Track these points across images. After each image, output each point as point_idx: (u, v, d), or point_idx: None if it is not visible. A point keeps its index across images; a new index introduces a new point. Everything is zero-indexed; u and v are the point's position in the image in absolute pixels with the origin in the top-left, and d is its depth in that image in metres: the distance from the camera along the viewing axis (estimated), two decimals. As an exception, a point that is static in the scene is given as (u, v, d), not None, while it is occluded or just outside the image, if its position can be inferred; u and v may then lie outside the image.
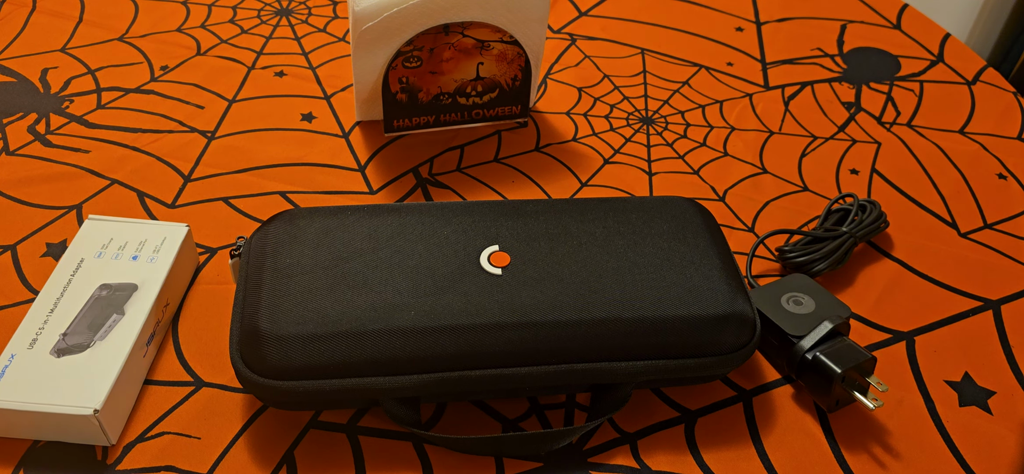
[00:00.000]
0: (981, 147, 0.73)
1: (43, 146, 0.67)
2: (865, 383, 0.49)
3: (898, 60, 0.83)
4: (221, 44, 0.80)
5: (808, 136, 0.73)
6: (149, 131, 0.69)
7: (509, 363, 0.45)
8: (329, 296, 0.46)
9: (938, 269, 0.61)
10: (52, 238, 0.59)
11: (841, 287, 0.59)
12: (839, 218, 0.62)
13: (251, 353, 0.44)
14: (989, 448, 0.49)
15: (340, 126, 0.71)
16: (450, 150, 0.69)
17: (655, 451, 0.48)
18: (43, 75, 0.74)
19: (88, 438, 0.46)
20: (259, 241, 0.50)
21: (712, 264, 0.50)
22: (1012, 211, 0.67)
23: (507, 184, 0.66)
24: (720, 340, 0.47)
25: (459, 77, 0.67)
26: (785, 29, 0.87)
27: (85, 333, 0.48)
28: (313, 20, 0.84)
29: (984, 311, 0.58)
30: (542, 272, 0.48)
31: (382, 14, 0.61)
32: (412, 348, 0.45)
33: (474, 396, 0.49)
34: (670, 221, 0.52)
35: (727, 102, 0.77)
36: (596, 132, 0.72)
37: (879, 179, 0.69)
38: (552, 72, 0.79)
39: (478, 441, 0.46)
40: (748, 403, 0.51)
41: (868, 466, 0.48)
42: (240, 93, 0.74)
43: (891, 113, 0.76)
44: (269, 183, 0.65)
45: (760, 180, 0.68)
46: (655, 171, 0.68)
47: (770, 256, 0.61)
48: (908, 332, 0.56)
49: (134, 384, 0.49)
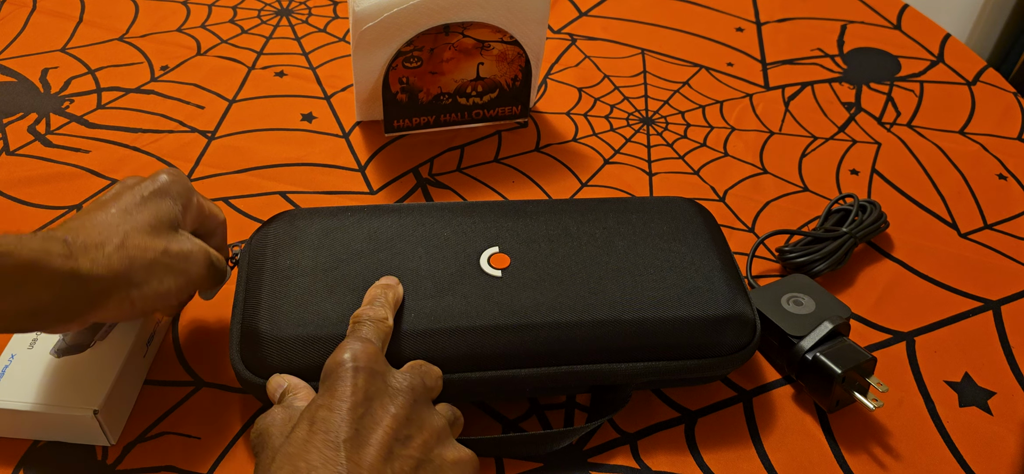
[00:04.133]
0: (981, 147, 0.73)
1: (43, 146, 0.67)
2: (865, 383, 0.49)
3: (898, 60, 0.83)
4: (221, 44, 0.80)
5: (808, 136, 0.73)
6: (149, 131, 0.69)
7: (509, 365, 0.45)
8: (329, 298, 0.46)
9: (938, 269, 0.61)
10: (52, 238, 0.59)
11: (841, 287, 0.59)
12: (839, 218, 0.62)
13: (251, 354, 0.44)
14: (989, 448, 0.49)
15: (340, 126, 0.71)
16: (450, 150, 0.69)
17: (655, 451, 0.48)
18: (43, 75, 0.74)
19: (88, 438, 0.46)
20: (259, 242, 0.50)
21: (712, 265, 0.50)
22: (1012, 211, 0.67)
23: (507, 184, 0.66)
24: (720, 341, 0.47)
25: (459, 77, 0.67)
26: (785, 29, 0.87)
27: (85, 333, 0.48)
28: (313, 20, 0.84)
29: (984, 311, 0.58)
30: (542, 274, 0.48)
31: (382, 14, 0.61)
32: (412, 350, 0.44)
33: (474, 397, 0.49)
34: (670, 222, 0.52)
35: (727, 102, 0.77)
36: (596, 132, 0.72)
37: (879, 179, 0.69)
38: (552, 72, 0.79)
39: (478, 442, 0.46)
40: (748, 403, 0.51)
41: (868, 466, 0.48)
42: (240, 93, 0.74)
43: (891, 113, 0.76)
44: (269, 183, 0.65)
45: (760, 180, 0.68)
46: (655, 171, 0.68)
47: (770, 256, 0.61)
48: (908, 332, 0.56)
49: (134, 384, 0.49)
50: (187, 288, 0.45)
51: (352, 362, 0.38)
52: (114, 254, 0.41)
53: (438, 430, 0.39)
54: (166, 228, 0.44)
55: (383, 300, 0.44)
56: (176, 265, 0.44)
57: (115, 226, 0.42)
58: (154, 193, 0.45)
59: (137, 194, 0.45)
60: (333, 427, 0.35)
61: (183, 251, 0.45)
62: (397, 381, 0.39)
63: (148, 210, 0.44)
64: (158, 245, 0.43)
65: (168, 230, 0.45)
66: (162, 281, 0.43)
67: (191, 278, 0.45)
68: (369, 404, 0.37)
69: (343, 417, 0.36)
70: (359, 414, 0.36)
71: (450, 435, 0.40)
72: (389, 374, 0.40)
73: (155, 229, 0.44)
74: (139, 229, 0.43)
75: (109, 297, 0.41)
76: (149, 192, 0.45)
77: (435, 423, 0.39)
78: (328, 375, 0.38)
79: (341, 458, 0.34)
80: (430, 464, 0.37)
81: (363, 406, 0.37)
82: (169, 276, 0.44)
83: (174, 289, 0.44)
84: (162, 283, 0.43)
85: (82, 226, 0.42)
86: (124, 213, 0.43)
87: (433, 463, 0.38)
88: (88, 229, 0.42)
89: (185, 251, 0.45)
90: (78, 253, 0.40)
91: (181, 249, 0.44)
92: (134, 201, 0.44)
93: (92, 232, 0.42)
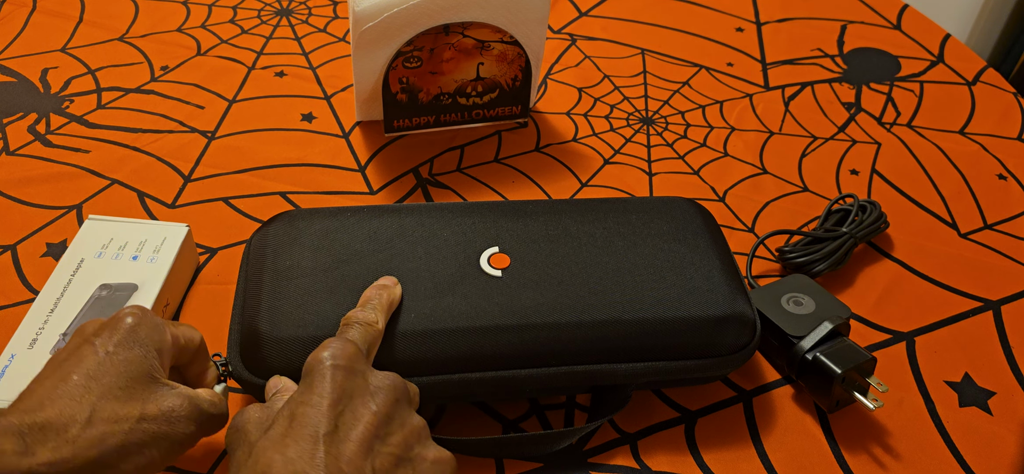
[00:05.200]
0: (981, 148, 0.73)
1: (43, 146, 0.67)
2: (865, 383, 0.49)
3: (898, 60, 0.83)
4: (221, 44, 0.80)
5: (808, 136, 0.73)
6: (149, 131, 0.69)
7: (509, 365, 0.45)
8: (329, 299, 0.46)
9: (938, 269, 0.61)
10: (52, 238, 0.59)
11: (841, 287, 0.59)
12: (839, 218, 0.62)
13: (251, 355, 0.44)
14: (989, 448, 0.49)
15: (340, 126, 0.71)
16: (450, 150, 0.69)
17: (655, 451, 0.48)
18: (43, 75, 0.74)
19: (88, 439, 0.46)
20: (259, 242, 0.50)
21: (712, 265, 0.50)
22: (1012, 211, 0.67)
23: (507, 184, 0.66)
24: (720, 341, 0.47)
25: (459, 77, 0.67)
26: (785, 29, 0.87)
27: (85, 334, 0.48)
28: (313, 20, 0.84)
29: (984, 311, 0.58)
30: (542, 274, 0.48)
31: (382, 14, 0.61)
32: (412, 350, 0.44)
33: (474, 397, 0.49)
34: (670, 222, 0.52)
35: (727, 102, 0.77)
36: (596, 132, 0.72)
37: (879, 179, 0.69)
38: (552, 72, 0.79)
39: (478, 442, 0.46)
40: (748, 403, 0.51)
41: (868, 466, 0.48)
42: (240, 93, 0.74)
43: (891, 113, 0.76)
44: (269, 183, 0.65)
45: (760, 180, 0.68)
46: (655, 171, 0.68)
47: (770, 256, 0.61)
48: (908, 332, 0.56)
49: (134, 385, 0.49)
50: (175, 452, 0.39)
51: (331, 360, 0.38)
52: (80, 436, 0.36)
53: (418, 429, 0.38)
54: (141, 386, 0.39)
55: (376, 303, 0.44)
56: (158, 432, 0.38)
57: (78, 399, 0.37)
58: (120, 344, 0.39)
59: (100, 350, 0.39)
60: (311, 422, 0.35)
61: (163, 411, 0.39)
62: (378, 381, 0.39)
63: (115, 368, 0.38)
64: (132, 412, 0.38)
65: (143, 387, 0.39)
66: (142, 454, 0.38)
67: (177, 441, 0.39)
68: (349, 400, 0.37)
69: (323, 413, 0.35)
70: (339, 410, 0.36)
71: (429, 436, 0.39)
72: (370, 373, 0.39)
73: (127, 391, 0.38)
74: (107, 396, 0.37)
75: None
76: (114, 345, 0.39)
77: (415, 422, 0.39)
78: (307, 373, 0.38)
79: (320, 452, 0.34)
80: (410, 462, 0.37)
81: (343, 403, 0.36)
82: (150, 448, 0.38)
83: (159, 459, 0.38)
84: (142, 456, 0.38)
85: (40, 404, 0.36)
86: (88, 379, 0.37)
87: (413, 461, 0.37)
88: (46, 408, 0.36)
89: (166, 410, 0.39)
90: (36, 445, 0.35)
91: (160, 409, 0.39)
92: (98, 360, 0.38)
93: (52, 411, 0.36)
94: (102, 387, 0.37)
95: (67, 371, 0.38)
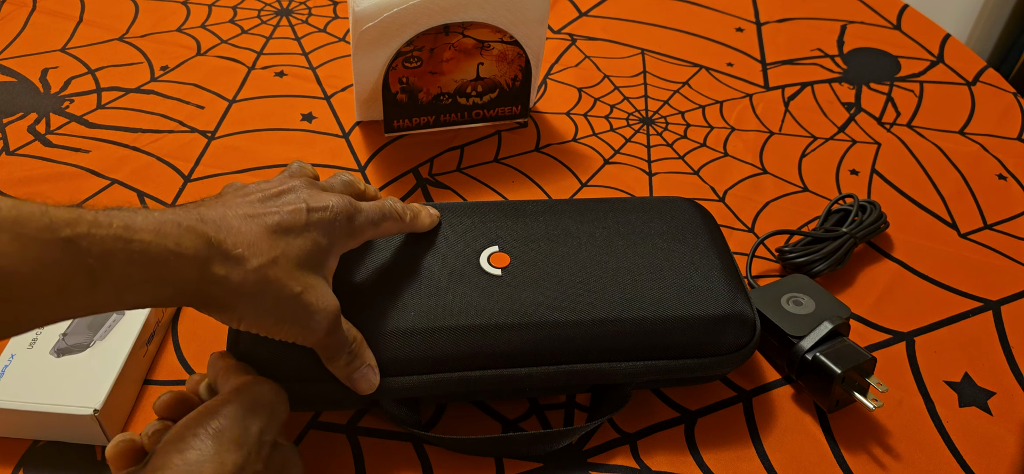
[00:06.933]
0: (981, 148, 0.73)
1: (43, 146, 0.67)
2: (865, 383, 0.49)
3: (898, 61, 0.83)
4: (221, 44, 0.80)
5: (808, 136, 0.73)
6: (149, 131, 0.69)
7: (509, 364, 0.45)
8: (329, 296, 0.46)
9: (938, 269, 0.61)
10: (52, 238, 0.59)
11: (841, 287, 0.59)
12: (839, 219, 0.62)
13: (250, 355, 0.44)
14: (989, 448, 0.49)
15: (340, 126, 0.71)
16: (450, 150, 0.69)
17: (655, 451, 0.48)
18: (43, 75, 0.74)
19: (88, 438, 0.46)
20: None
21: (712, 264, 0.50)
22: (1012, 211, 0.67)
23: (507, 184, 0.66)
24: (720, 340, 0.47)
25: (459, 77, 0.67)
26: (785, 29, 0.87)
27: (85, 333, 0.48)
28: (313, 20, 0.84)
29: (984, 312, 0.58)
30: (542, 273, 0.48)
31: (382, 14, 0.61)
32: (412, 349, 0.45)
33: (474, 397, 0.49)
34: (670, 221, 0.52)
35: (727, 102, 0.77)
36: (596, 132, 0.72)
37: (879, 180, 0.69)
38: (552, 72, 0.79)
39: (478, 442, 0.46)
40: (748, 403, 0.51)
41: (868, 466, 0.48)
42: (240, 93, 0.74)
43: (891, 114, 0.76)
44: (269, 183, 0.65)
45: (760, 180, 0.68)
46: (655, 171, 0.68)
47: (770, 256, 0.61)
48: (908, 332, 0.56)
49: (134, 384, 0.49)
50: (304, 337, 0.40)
51: None
52: (251, 274, 0.37)
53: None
54: (313, 267, 0.40)
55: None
56: (298, 316, 0.39)
57: (267, 247, 0.38)
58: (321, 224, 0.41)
59: (300, 217, 0.40)
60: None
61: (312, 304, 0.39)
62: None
63: (307, 241, 0.40)
64: (297, 285, 0.39)
65: (313, 271, 0.40)
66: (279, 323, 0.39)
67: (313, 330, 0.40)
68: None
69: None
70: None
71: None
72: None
73: (303, 265, 0.39)
74: (290, 259, 0.39)
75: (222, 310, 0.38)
76: (317, 220, 0.41)
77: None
78: None
79: None
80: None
81: None
82: (283, 325, 0.39)
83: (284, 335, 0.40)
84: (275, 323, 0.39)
85: (231, 228, 0.38)
86: (280, 234, 0.39)
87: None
88: (235, 234, 0.38)
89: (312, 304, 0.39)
90: (216, 258, 0.36)
91: (310, 302, 0.39)
92: (298, 225, 0.40)
93: (239, 240, 0.37)
94: (289, 248, 0.39)
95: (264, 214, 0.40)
